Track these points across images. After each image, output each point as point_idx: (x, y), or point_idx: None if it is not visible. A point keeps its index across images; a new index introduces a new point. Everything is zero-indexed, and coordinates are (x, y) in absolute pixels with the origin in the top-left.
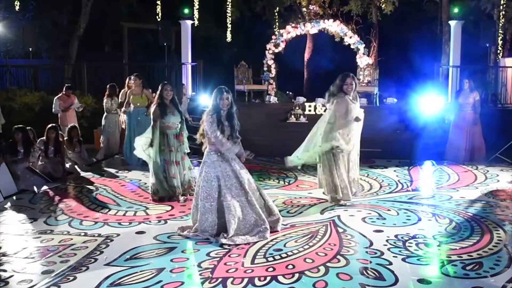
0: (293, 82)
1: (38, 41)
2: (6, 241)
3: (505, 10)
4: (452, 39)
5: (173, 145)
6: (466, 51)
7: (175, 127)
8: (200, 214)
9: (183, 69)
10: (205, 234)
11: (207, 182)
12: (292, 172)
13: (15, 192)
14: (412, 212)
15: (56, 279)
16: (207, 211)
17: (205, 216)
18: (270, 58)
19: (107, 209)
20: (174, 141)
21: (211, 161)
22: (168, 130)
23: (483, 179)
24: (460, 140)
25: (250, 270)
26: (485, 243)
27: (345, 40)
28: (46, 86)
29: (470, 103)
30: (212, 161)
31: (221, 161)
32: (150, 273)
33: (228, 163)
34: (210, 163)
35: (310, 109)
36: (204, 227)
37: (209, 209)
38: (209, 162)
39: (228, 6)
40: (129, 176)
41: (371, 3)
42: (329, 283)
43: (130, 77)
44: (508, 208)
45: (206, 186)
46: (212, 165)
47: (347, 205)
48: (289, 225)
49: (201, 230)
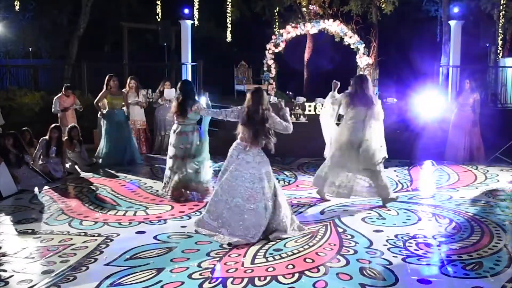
0: (293, 82)
1: (38, 41)
2: (6, 241)
3: (505, 10)
4: (452, 39)
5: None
6: (466, 51)
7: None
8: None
9: (183, 69)
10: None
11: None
12: (292, 172)
13: (15, 192)
14: (412, 212)
15: (56, 279)
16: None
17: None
18: (270, 58)
19: (107, 209)
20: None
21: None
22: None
23: (483, 179)
24: (460, 140)
25: (250, 270)
26: (485, 243)
27: (345, 40)
28: (46, 86)
29: (470, 103)
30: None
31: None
32: (150, 273)
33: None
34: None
35: (310, 109)
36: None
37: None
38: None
39: (228, 6)
40: (129, 176)
41: (371, 3)
42: (329, 283)
43: (131, 77)
44: (508, 208)
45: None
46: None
47: (347, 205)
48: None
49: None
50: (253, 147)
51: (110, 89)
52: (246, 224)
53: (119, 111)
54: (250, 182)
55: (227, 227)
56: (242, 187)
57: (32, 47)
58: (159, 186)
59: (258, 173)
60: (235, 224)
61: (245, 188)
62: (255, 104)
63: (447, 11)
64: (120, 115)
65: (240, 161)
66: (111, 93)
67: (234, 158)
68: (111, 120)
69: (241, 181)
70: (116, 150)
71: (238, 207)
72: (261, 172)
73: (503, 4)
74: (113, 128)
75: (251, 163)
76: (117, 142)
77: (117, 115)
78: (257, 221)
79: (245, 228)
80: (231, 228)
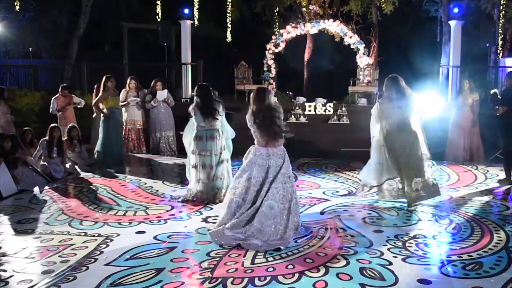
0: (293, 82)
1: (38, 41)
2: (6, 241)
3: (505, 10)
4: (452, 39)
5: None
6: (466, 51)
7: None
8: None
9: (183, 69)
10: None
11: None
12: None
13: (15, 192)
14: (412, 212)
15: (56, 279)
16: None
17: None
18: (270, 58)
19: (107, 209)
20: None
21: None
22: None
23: (483, 179)
24: (459, 140)
25: (250, 270)
26: (485, 243)
27: (345, 40)
28: (46, 86)
29: (469, 103)
30: None
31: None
32: (150, 273)
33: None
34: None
35: (310, 109)
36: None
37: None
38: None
39: (228, 6)
40: (129, 176)
41: (371, 3)
42: (329, 283)
43: (131, 77)
44: (508, 208)
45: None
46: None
47: (347, 205)
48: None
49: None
50: (276, 148)
51: (107, 90)
52: (279, 226)
53: (117, 110)
54: (281, 182)
55: (258, 235)
56: (274, 189)
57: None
58: (159, 186)
59: (287, 173)
60: (268, 230)
61: (277, 189)
62: (261, 104)
63: (447, 11)
64: (117, 114)
65: (266, 167)
66: (110, 95)
67: (257, 165)
68: (112, 120)
69: (270, 184)
70: (114, 149)
71: (272, 209)
72: (288, 171)
73: (503, 4)
74: (113, 127)
75: (277, 165)
76: (115, 141)
77: (115, 114)
78: (292, 219)
79: (280, 230)
80: (262, 234)
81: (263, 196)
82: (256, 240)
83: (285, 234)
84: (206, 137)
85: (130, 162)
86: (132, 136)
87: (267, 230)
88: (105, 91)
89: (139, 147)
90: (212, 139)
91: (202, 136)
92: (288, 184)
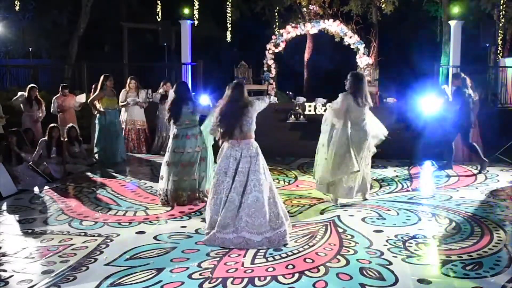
0: (293, 82)
1: (38, 41)
2: (6, 241)
3: (505, 10)
4: (452, 39)
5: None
6: (466, 51)
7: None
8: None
9: (183, 69)
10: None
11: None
12: (292, 172)
13: (15, 192)
14: (412, 212)
15: (56, 279)
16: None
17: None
18: (270, 58)
19: (107, 209)
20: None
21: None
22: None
23: (483, 179)
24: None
25: (250, 270)
26: (485, 243)
27: (345, 40)
28: (46, 86)
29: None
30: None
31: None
32: (150, 273)
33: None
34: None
35: (310, 109)
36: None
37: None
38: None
39: (228, 6)
40: (129, 176)
41: (371, 3)
42: (329, 283)
43: (131, 77)
44: (508, 208)
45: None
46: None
47: (347, 205)
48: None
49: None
50: (244, 140)
51: (105, 89)
52: (268, 216)
53: (112, 111)
54: (261, 174)
55: (250, 228)
56: (256, 181)
57: (32, 47)
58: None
59: (264, 164)
60: (258, 221)
61: (258, 180)
62: (235, 102)
63: (447, 11)
64: (113, 115)
65: (237, 158)
66: (107, 94)
67: (228, 157)
68: (105, 120)
69: (247, 175)
70: (108, 149)
71: (257, 201)
72: (264, 163)
73: (503, 4)
74: (105, 127)
75: (250, 156)
76: (108, 141)
77: (110, 115)
78: (281, 208)
79: (271, 221)
80: (254, 227)
81: (243, 188)
82: (250, 234)
83: (278, 221)
84: (181, 135)
85: (130, 162)
86: (132, 136)
87: (257, 221)
88: (102, 90)
89: (139, 147)
90: (187, 137)
91: (179, 134)
92: (268, 174)
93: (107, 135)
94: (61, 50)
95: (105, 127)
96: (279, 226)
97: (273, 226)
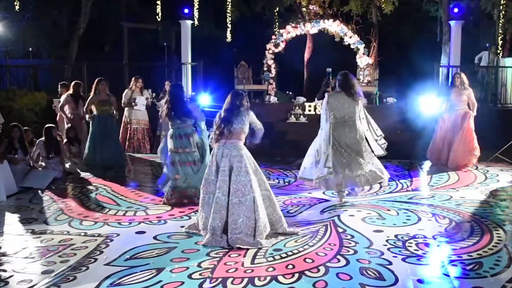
0: (293, 82)
1: (38, 41)
2: (6, 241)
3: (505, 10)
4: (452, 39)
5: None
6: (466, 51)
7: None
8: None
9: (183, 69)
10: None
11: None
12: (292, 172)
13: (15, 192)
14: (412, 212)
15: (56, 279)
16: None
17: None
18: (270, 58)
19: (107, 209)
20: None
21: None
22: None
23: (483, 179)
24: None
25: (250, 270)
26: (485, 243)
27: (345, 40)
28: (46, 86)
29: (464, 101)
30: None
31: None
32: (150, 273)
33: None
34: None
35: (310, 109)
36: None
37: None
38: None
39: (228, 6)
40: (129, 176)
41: (371, 3)
42: (329, 283)
43: (136, 77)
44: (508, 208)
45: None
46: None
47: (347, 205)
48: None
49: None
50: (230, 140)
51: (98, 94)
52: (247, 221)
53: (107, 118)
54: (236, 175)
55: (234, 229)
56: (233, 183)
57: (32, 47)
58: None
59: (242, 166)
60: (240, 221)
61: (236, 182)
62: (231, 106)
63: (447, 11)
64: (108, 122)
65: (220, 157)
66: (100, 99)
67: (213, 155)
68: (98, 126)
69: (230, 175)
70: (99, 156)
71: (239, 203)
72: (244, 165)
73: (503, 4)
74: (98, 134)
75: (231, 156)
76: (98, 147)
77: (103, 121)
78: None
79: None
80: (239, 229)
81: (228, 188)
82: (240, 235)
83: (257, 230)
84: (175, 135)
85: (131, 162)
86: (138, 136)
87: (240, 224)
88: (96, 95)
89: (144, 146)
90: (180, 138)
91: (173, 134)
92: (243, 177)
93: (98, 140)
94: (61, 50)
95: (96, 132)
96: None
97: (250, 232)
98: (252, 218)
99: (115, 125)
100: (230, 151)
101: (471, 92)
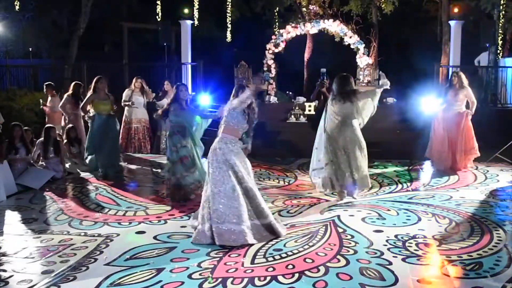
0: (293, 82)
1: (38, 41)
2: (6, 241)
3: (505, 10)
4: (452, 39)
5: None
6: (466, 51)
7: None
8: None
9: (183, 69)
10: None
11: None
12: (292, 172)
13: (15, 192)
14: (412, 212)
15: (56, 279)
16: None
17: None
18: (270, 58)
19: (107, 209)
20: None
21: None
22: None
23: (483, 179)
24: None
25: (250, 270)
26: (485, 243)
27: (345, 40)
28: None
29: (461, 100)
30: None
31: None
32: (150, 273)
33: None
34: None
35: (310, 109)
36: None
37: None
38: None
39: (228, 6)
40: (129, 177)
41: (371, 3)
42: (329, 283)
43: (137, 77)
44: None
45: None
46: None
47: (347, 205)
48: (289, 225)
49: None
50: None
51: (97, 92)
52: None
53: (106, 116)
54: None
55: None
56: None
57: (32, 47)
58: (159, 186)
59: (217, 158)
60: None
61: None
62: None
63: (447, 11)
64: (107, 120)
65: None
66: (99, 97)
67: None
68: (97, 125)
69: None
70: (98, 155)
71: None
72: (217, 157)
73: (503, 4)
74: (97, 133)
75: (214, 148)
76: (100, 148)
77: (103, 120)
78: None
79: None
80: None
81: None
82: (226, 223)
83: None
84: (173, 132)
85: (131, 162)
86: (139, 135)
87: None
88: (95, 93)
89: (144, 146)
90: (177, 133)
91: (171, 132)
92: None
93: (98, 142)
94: (61, 50)
95: (96, 133)
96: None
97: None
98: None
99: (116, 125)
100: (213, 143)
101: (469, 91)
